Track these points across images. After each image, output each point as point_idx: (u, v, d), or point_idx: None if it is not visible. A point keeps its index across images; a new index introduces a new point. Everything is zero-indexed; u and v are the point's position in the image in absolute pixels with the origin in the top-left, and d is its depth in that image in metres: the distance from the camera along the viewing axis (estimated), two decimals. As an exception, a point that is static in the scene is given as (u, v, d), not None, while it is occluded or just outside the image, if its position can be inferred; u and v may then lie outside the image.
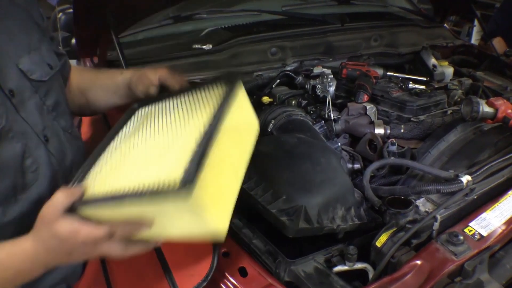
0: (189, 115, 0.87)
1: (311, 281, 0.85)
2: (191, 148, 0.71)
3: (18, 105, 0.84)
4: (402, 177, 1.17)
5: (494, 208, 1.00)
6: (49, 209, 0.73)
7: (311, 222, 0.91)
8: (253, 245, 0.94)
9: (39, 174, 0.87)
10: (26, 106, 0.86)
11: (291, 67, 1.70)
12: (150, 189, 0.66)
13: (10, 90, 0.82)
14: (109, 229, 0.72)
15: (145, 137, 0.87)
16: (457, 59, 2.07)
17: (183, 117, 0.87)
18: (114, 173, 0.80)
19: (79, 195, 0.74)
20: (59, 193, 0.72)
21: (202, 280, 0.84)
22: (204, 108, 0.86)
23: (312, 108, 1.43)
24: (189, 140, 0.74)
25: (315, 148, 1.09)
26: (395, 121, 1.40)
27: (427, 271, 0.84)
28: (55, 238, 0.73)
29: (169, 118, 0.90)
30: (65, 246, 0.74)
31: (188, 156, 0.70)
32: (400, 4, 2.24)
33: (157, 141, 0.83)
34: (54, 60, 0.98)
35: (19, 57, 0.86)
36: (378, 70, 1.63)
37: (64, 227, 0.71)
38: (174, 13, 1.72)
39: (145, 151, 0.82)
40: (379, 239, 0.92)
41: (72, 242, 0.73)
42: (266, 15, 1.84)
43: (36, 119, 0.88)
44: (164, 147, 0.80)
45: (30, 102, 0.87)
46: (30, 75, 0.88)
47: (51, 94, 0.95)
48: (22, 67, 0.86)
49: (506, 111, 1.21)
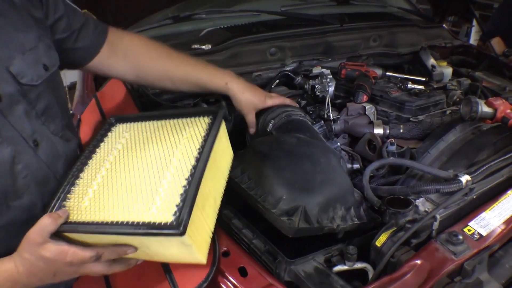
0: (175, 144, 0.91)
1: (311, 280, 0.85)
2: (180, 182, 0.80)
3: (5, 110, 0.82)
4: (401, 177, 1.17)
5: (494, 208, 1.00)
6: (35, 234, 0.74)
7: (311, 222, 0.91)
8: (253, 245, 0.95)
9: (30, 180, 0.86)
10: (14, 111, 0.84)
11: (290, 67, 1.70)
12: (146, 225, 0.73)
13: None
14: (96, 252, 0.76)
15: (132, 161, 0.90)
16: (456, 59, 2.08)
17: (169, 145, 0.92)
18: (101, 197, 0.83)
19: (64, 219, 0.77)
20: (45, 217, 0.75)
21: (202, 280, 0.84)
22: (191, 139, 0.91)
23: (312, 108, 1.43)
24: (178, 174, 0.82)
25: (314, 148, 1.09)
26: (394, 121, 1.40)
27: (426, 271, 0.84)
28: (42, 261, 0.75)
29: (155, 144, 0.94)
30: (51, 268, 0.76)
31: (178, 191, 0.78)
32: (399, 4, 2.25)
33: (145, 168, 0.87)
34: (53, 59, 0.95)
35: (11, 58, 0.84)
36: (377, 70, 1.63)
37: (52, 250, 0.74)
38: (173, 13, 1.72)
39: (134, 178, 0.85)
40: (378, 239, 0.92)
41: (59, 264, 0.75)
42: (265, 15, 1.85)
43: (24, 124, 0.86)
44: (153, 176, 0.84)
45: (18, 106, 0.85)
46: (20, 79, 0.85)
47: (42, 98, 0.91)
48: (12, 69, 0.83)
49: (505, 111, 1.22)
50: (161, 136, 0.96)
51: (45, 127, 0.92)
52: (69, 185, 0.87)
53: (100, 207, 0.80)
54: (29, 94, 0.88)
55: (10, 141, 0.82)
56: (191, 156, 0.86)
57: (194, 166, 0.83)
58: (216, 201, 0.92)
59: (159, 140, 0.95)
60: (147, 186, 0.82)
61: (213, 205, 0.90)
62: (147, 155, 0.91)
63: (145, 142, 0.95)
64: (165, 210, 0.75)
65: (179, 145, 0.90)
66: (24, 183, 0.85)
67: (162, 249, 0.80)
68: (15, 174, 0.83)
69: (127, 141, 0.97)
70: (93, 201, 0.82)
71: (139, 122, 1.04)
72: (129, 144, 0.96)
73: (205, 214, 0.84)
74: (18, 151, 0.83)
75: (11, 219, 0.83)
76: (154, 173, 0.85)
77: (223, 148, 0.98)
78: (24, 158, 0.85)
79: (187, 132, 0.94)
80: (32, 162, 0.87)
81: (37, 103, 0.90)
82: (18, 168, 0.83)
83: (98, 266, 0.79)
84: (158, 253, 0.82)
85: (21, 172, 0.84)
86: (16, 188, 0.83)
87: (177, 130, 0.96)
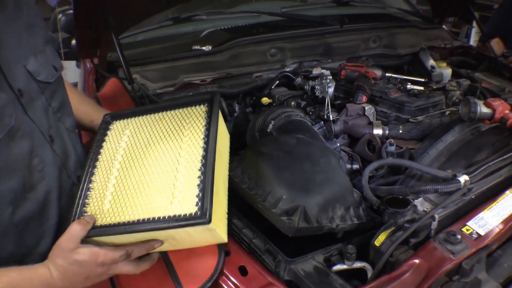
0: (179, 137, 0.93)
1: (310, 280, 0.86)
2: (195, 174, 0.84)
3: (26, 105, 0.85)
4: (400, 177, 1.18)
5: (492, 208, 1.00)
6: (67, 241, 0.79)
7: (310, 222, 0.91)
8: (253, 244, 0.95)
9: (45, 173, 0.88)
10: (33, 106, 0.87)
11: (290, 68, 1.71)
12: (173, 218, 0.77)
13: (19, 89, 0.83)
14: (126, 251, 0.80)
15: (141, 158, 0.92)
16: (455, 60, 2.08)
17: (174, 138, 0.94)
18: (120, 198, 0.86)
19: (92, 224, 0.81)
20: (75, 224, 0.79)
21: (207, 280, 0.85)
22: (193, 129, 0.94)
23: (311, 109, 1.43)
24: (190, 165, 0.86)
25: (314, 148, 1.09)
26: (394, 121, 1.41)
27: (425, 270, 0.85)
28: (76, 264, 0.78)
29: (159, 138, 0.96)
30: (84, 271, 0.80)
31: (194, 182, 0.82)
32: (399, 5, 2.25)
33: (156, 164, 0.90)
34: (59, 62, 1.00)
35: (26, 58, 0.88)
36: (377, 71, 1.64)
37: (85, 253, 0.78)
38: (173, 14, 1.72)
39: (148, 175, 0.88)
40: (377, 238, 0.92)
41: (92, 265, 0.79)
42: (266, 16, 1.85)
43: (42, 119, 0.89)
44: (166, 171, 0.87)
45: (37, 102, 0.89)
46: (37, 76, 0.89)
47: (57, 95, 0.96)
48: (29, 68, 0.88)
49: (504, 111, 1.22)
50: (163, 129, 0.97)
51: (61, 123, 0.97)
52: (85, 191, 0.89)
53: (122, 208, 0.83)
54: (45, 91, 0.92)
55: (29, 135, 0.85)
56: (198, 147, 0.89)
57: (203, 156, 0.86)
58: (225, 183, 0.98)
59: (161, 134, 0.96)
60: (163, 181, 0.85)
61: (224, 187, 0.96)
62: (154, 151, 0.92)
63: (149, 138, 0.96)
64: (187, 202, 0.79)
65: (184, 137, 0.92)
66: (40, 176, 0.87)
67: (187, 237, 0.83)
68: (32, 167, 0.85)
69: (129, 139, 0.98)
70: (114, 203, 0.85)
71: (135, 117, 1.04)
72: (133, 141, 0.97)
73: (220, 197, 0.90)
74: (35, 145, 0.86)
75: (25, 213, 0.85)
76: (166, 167, 0.87)
77: (222, 133, 1.02)
78: (41, 152, 0.88)
79: (188, 122, 0.96)
80: (48, 156, 0.90)
81: (53, 100, 0.95)
82: (35, 161, 0.86)
83: (128, 266, 0.83)
84: (184, 241, 0.86)
85: (37, 166, 0.86)
86: (32, 180, 0.85)
87: (177, 122, 0.97)
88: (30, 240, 0.87)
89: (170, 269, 0.88)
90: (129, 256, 0.81)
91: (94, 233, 0.80)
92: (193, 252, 0.90)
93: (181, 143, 0.91)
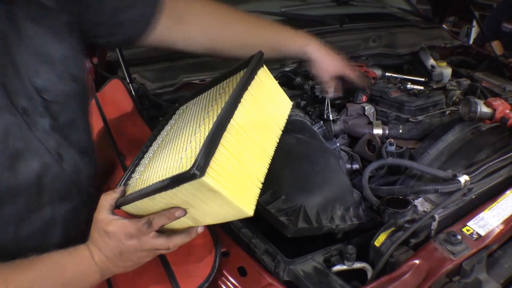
0: (210, 103, 0.89)
1: (310, 280, 0.86)
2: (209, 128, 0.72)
3: (31, 124, 0.81)
4: (400, 177, 1.17)
5: (492, 208, 1.00)
6: (98, 213, 0.79)
7: (310, 222, 0.91)
8: (253, 244, 0.95)
9: (55, 193, 0.87)
10: (39, 124, 0.83)
11: (290, 67, 1.70)
12: (169, 178, 0.68)
13: (23, 107, 0.80)
14: (147, 219, 0.76)
15: (173, 135, 0.90)
16: (455, 60, 2.08)
17: (205, 107, 0.89)
18: (145, 171, 0.84)
19: (119, 193, 0.81)
20: (103, 196, 0.79)
21: (204, 281, 0.84)
22: (225, 93, 0.88)
23: (311, 108, 1.43)
24: (209, 123, 0.77)
25: (314, 148, 1.09)
26: (394, 121, 1.40)
27: (425, 271, 0.85)
28: (107, 236, 0.77)
29: (193, 113, 0.92)
30: (115, 243, 0.78)
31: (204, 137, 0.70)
32: (399, 5, 2.25)
33: (181, 133, 0.85)
34: (82, 69, 0.93)
35: (36, 71, 0.82)
36: (377, 70, 1.63)
37: (114, 224, 0.77)
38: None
39: (173, 144, 0.84)
40: (377, 239, 0.92)
41: (121, 236, 0.77)
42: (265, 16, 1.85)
43: (49, 137, 0.85)
44: (187, 135, 0.81)
45: (43, 120, 0.84)
46: (43, 94, 0.84)
47: (66, 112, 0.90)
48: (38, 83, 0.82)
49: (504, 111, 1.22)
50: (201, 103, 0.94)
51: (70, 140, 0.92)
52: (129, 173, 0.90)
53: (143, 179, 0.81)
54: (52, 108, 0.86)
55: (37, 154, 0.82)
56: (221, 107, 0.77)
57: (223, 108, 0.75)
58: (267, 151, 0.83)
59: (197, 108, 0.92)
60: (181, 145, 0.79)
61: (260, 154, 0.81)
62: (183, 125, 0.89)
63: (187, 115, 0.94)
64: (192, 159, 0.68)
65: (214, 102, 0.87)
66: (49, 197, 0.86)
67: (204, 205, 0.73)
68: (42, 186, 0.84)
69: (176, 121, 0.97)
70: (139, 177, 0.84)
71: (193, 98, 1.03)
72: (176, 123, 0.96)
73: (245, 161, 0.75)
74: (46, 164, 0.84)
75: (29, 231, 0.84)
76: (188, 132, 0.81)
77: (267, 94, 0.90)
78: (51, 171, 0.85)
79: (223, 88, 0.91)
80: (59, 175, 0.88)
81: (59, 116, 0.88)
82: (45, 180, 0.84)
83: (159, 239, 0.78)
84: (206, 212, 0.75)
85: (48, 185, 0.85)
86: (40, 200, 0.84)
87: (216, 91, 0.94)
88: None
89: (167, 269, 0.88)
90: (150, 225, 0.76)
91: (119, 202, 0.80)
92: (190, 252, 0.90)
93: (209, 107, 0.85)
